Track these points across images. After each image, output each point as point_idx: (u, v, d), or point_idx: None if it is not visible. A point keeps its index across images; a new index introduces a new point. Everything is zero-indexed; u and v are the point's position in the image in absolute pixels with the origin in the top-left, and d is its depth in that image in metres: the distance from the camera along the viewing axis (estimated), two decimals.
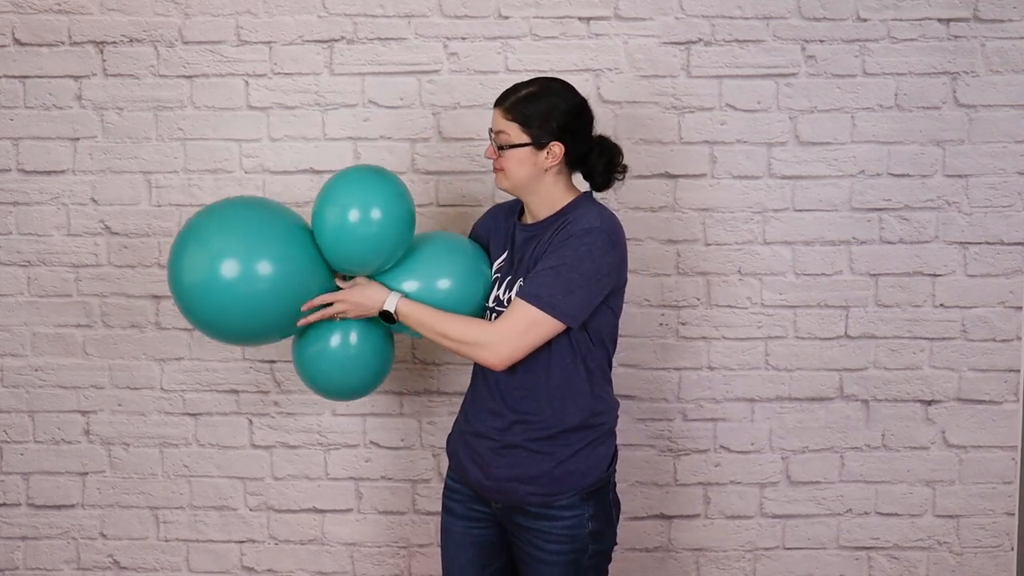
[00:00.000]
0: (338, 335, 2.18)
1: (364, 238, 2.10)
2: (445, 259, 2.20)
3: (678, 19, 2.61)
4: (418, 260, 2.19)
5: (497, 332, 2.02)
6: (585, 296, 2.01)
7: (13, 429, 2.76)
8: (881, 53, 2.60)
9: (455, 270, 2.18)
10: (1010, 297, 2.64)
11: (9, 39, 2.66)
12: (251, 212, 2.15)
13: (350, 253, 2.12)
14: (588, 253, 2.00)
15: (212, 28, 2.64)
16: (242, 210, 2.15)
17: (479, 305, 2.18)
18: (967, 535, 2.70)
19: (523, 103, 2.07)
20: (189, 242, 2.08)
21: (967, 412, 2.67)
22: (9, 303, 2.73)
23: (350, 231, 2.10)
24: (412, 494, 2.74)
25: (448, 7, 2.62)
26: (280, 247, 2.09)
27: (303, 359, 2.23)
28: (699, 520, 2.72)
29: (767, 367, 2.68)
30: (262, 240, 2.09)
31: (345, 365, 2.21)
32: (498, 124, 2.09)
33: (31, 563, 2.79)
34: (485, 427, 2.13)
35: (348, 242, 2.11)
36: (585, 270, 1.99)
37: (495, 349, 2.02)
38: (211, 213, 2.14)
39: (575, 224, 2.04)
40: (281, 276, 2.08)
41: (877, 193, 2.63)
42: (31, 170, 2.69)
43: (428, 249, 2.22)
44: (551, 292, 1.99)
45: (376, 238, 2.11)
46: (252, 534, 2.76)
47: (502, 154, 2.09)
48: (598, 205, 2.14)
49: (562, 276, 1.99)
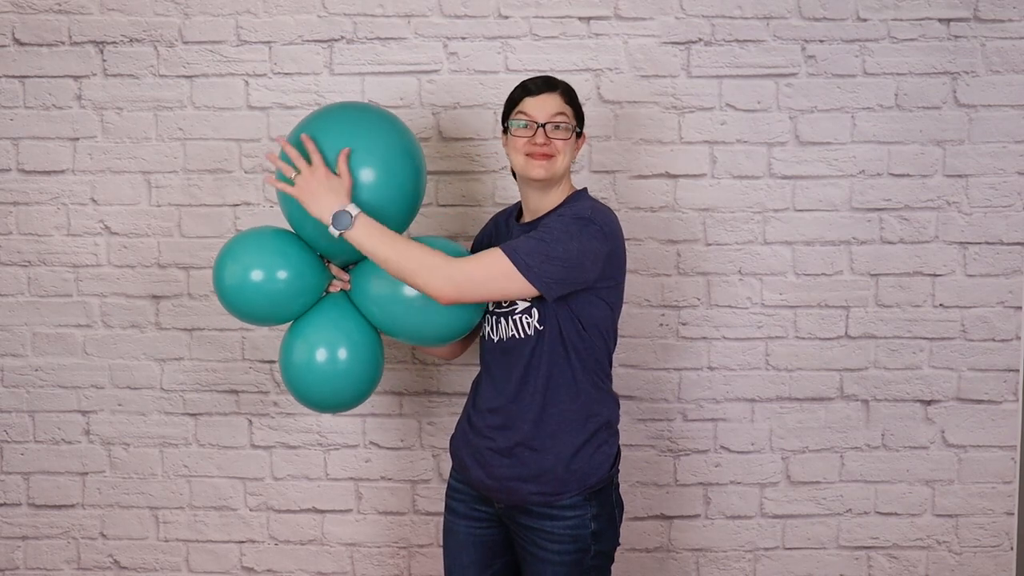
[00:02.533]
0: (324, 349, 2.15)
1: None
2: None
3: (678, 19, 2.61)
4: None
5: (458, 265, 1.98)
6: (562, 271, 1.98)
7: (13, 429, 2.76)
8: (881, 53, 2.60)
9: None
10: (1010, 297, 2.64)
11: (9, 39, 2.66)
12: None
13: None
14: (577, 234, 1.99)
15: (212, 28, 2.64)
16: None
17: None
18: (966, 535, 2.70)
19: (571, 90, 2.13)
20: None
21: (967, 412, 2.68)
22: (9, 303, 2.72)
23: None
24: (412, 494, 2.74)
25: (448, 7, 2.62)
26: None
27: (290, 371, 2.20)
28: (699, 520, 2.73)
29: (767, 367, 2.68)
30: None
31: (333, 379, 2.17)
32: (556, 107, 2.08)
33: (31, 563, 2.79)
34: (486, 427, 2.14)
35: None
36: (570, 248, 1.98)
37: (450, 278, 1.96)
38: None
39: (568, 210, 2.07)
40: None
41: (877, 193, 2.63)
42: (31, 170, 2.69)
43: None
44: (528, 253, 1.97)
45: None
46: (252, 534, 2.77)
47: (560, 136, 2.07)
48: (594, 199, 2.16)
49: (544, 243, 1.98)
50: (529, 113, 2.08)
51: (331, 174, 2.02)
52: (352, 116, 2.14)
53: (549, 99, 2.08)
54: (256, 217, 2.67)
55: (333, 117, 2.14)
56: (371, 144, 2.08)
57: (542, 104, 2.08)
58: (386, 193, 2.09)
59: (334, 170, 2.03)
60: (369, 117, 2.15)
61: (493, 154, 2.64)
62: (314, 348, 2.15)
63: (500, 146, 2.61)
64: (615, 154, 2.63)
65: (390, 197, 2.10)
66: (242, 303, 2.15)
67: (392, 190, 2.11)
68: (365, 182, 2.06)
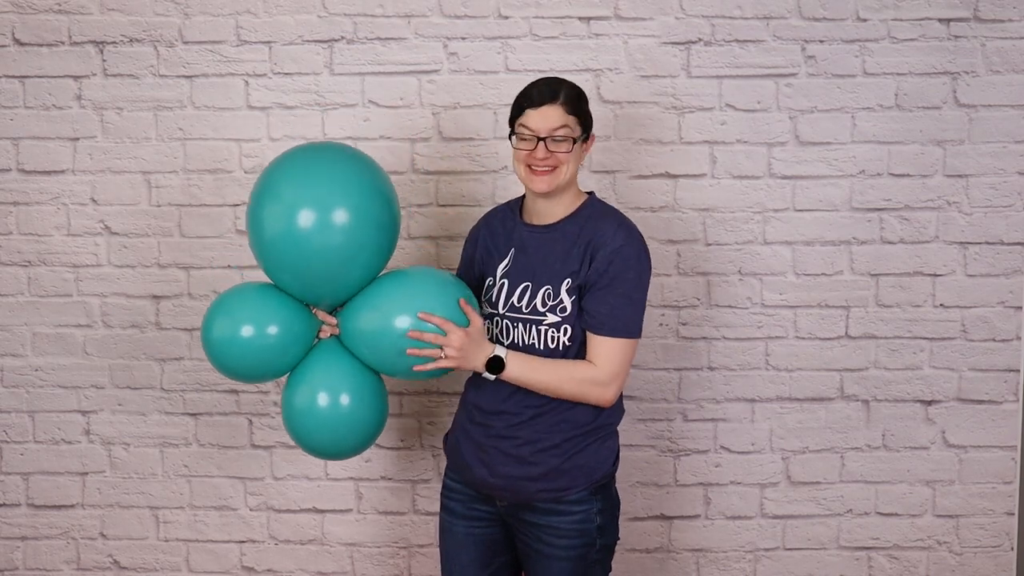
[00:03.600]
0: (325, 394, 2.12)
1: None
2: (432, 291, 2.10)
3: (678, 19, 2.61)
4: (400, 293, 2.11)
5: (606, 374, 2.04)
6: (643, 310, 2.10)
7: (13, 429, 2.76)
8: (881, 53, 2.60)
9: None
10: (1010, 297, 2.64)
11: (9, 39, 2.66)
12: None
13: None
14: (643, 272, 2.08)
15: (212, 28, 2.64)
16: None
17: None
18: (967, 535, 2.70)
19: (575, 96, 2.08)
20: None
21: (967, 412, 2.67)
22: (9, 303, 2.73)
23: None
24: (412, 494, 2.74)
25: (448, 7, 2.62)
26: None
27: (292, 419, 2.17)
28: (699, 521, 2.72)
29: (767, 367, 2.68)
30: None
31: (335, 425, 2.13)
32: (557, 119, 2.04)
33: (31, 563, 2.79)
34: (494, 428, 2.12)
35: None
36: (643, 287, 2.09)
37: (609, 393, 2.06)
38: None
39: (612, 235, 2.05)
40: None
41: (877, 193, 2.63)
42: (31, 170, 2.69)
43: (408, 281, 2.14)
44: (634, 319, 2.06)
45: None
46: (252, 534, 2.76)
47: (561, 150, 2.04)
48: (613, 208, 2.16)
49: (634, 301, 2.06)
50: (529, 126, 2.05)
51: (468, 330, 2.05)
52: (316, 161, 2.09)
53: (550, 111, 2.04)
54: None
55: (297, 164, 2.09)
56: (340, 189, 2.05)
57: (543, 117, 2.04)
58: (362, 234, 2.07)
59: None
60: (332, 159, 2.11)
61: (493, 154, 2.64)
62: (315, 393, 2.12)
63: (500, 146, 2.62)
64: (615, 154, 2.63)
65: (366, 237, 2.08)
66: (234, 361, 2.12)
67: (369, 230, 2.08)
68: (340, 226, 2.03)
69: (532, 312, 2.08)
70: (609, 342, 2.04)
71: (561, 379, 2.04)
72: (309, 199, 2.03)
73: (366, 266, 2.11)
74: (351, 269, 2.09)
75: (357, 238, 2.06)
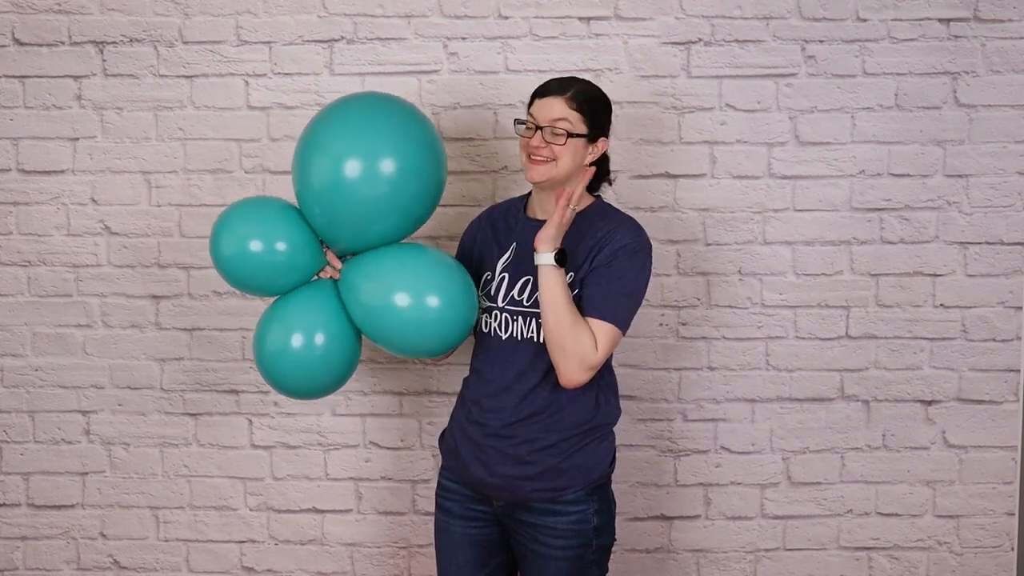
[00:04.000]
0: (300, 334, 2.14)
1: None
2: (437, 273, 2.14)
3: (678, 19, 2.61)
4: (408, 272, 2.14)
5: (596, 358, 2.02)
6: (636, 305, 2.10)
7: (13, 429, 2.76)
8: (881, 53, 2.59)
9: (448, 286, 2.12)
10: (1010, 297, 2.64)
11: (9, 39, 2.66)
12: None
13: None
14: (643, 269, 2.09)
15: (212, 28, 2.64)
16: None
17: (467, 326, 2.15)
18: (967, 535, 2.70)
19: (587, 94, 2.09)
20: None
21: (967, 412, 2.67)
22: (9, 303, 2.73)
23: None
24: (412, 494, 2.74)
25: (448, 7, 2.62)
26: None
27: (263, 358, 2.19)
28: (700, 521, 2.72)
29: (767, 367, 2.67)
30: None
31: (304, 364, 2.16)
32: (558, 111, 2.05)
33: (31, 563, 2.79)
34: (494, 426, 2.11)
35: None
36: (642, 285, 2.09)
37: (583, 376, 2.02)
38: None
39: (621, 233, 2.07)
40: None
41: (877, 193, 2.63)
42: (31, 170, 2.69)
43: (417, 261, 2.16)
44: (626, 311, 2.06)
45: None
46: (252, 534, 2.76)
47: (556, 142, 2.05)
48: (621, 211, 2.18)
49: (629, 294, 2.06)
50: (533, 115, 2.09)
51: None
52: (370, 112, 2.14)
53: (554, 103, 2.06)
54: None
55: (351, 111, 2.14)
56: (394, 141, 2.10)
57: (546, 107, 2.07)
58: (410, 186, 2.11)
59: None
60: (388, 111, 2.15)
61: (493, 154, 2.64)
62: (291, 332, 2.14)
63: (500, 146, 2.63)
64: (615, 154, 2.62)
65: (414, 190, 2.13)
66: (236, 268, 2.15)
67: (416, 183, 2.12)
68: (387, 175, 2.07)
69: (533, 305, 2.08)
70: (602, 326, 2.03)
71: (574, 326, 1.99)
72: (370, 148, 2.09)
73: (394, 227, 2.15)
74: (379, 223, 2.13)
75: (397, 198, 2.11)
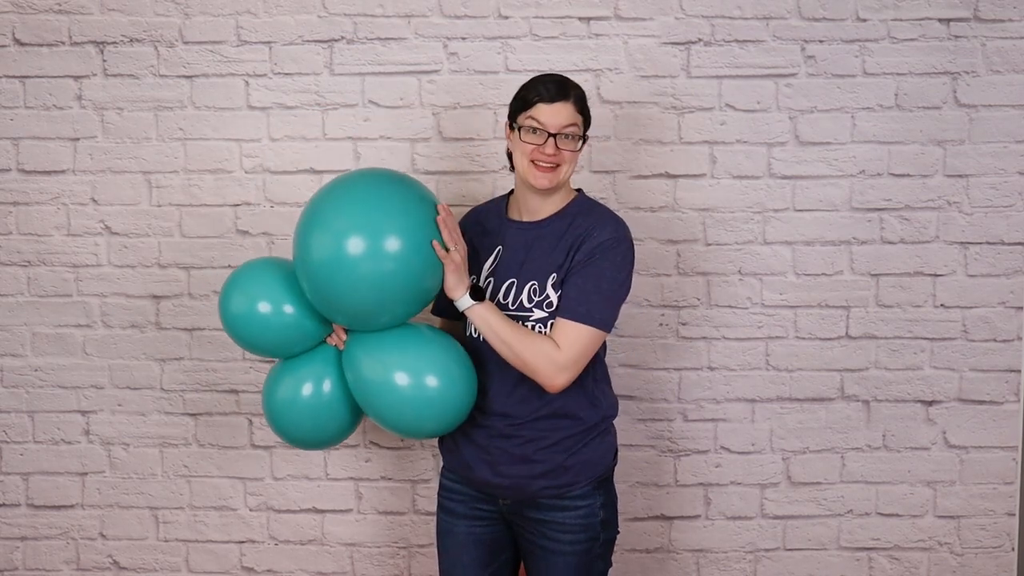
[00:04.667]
0: (310, 384, 2.13)
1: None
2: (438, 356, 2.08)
3: (678, 19, 2.61)
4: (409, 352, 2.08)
5: (564, 353, 2.00)
6: (619, 304, 2.08)
7: (13, 429, 2.76)
8: (881, 53, 2.59)
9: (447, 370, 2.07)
10: (1010, 297, 2.64)
11: (9, 39, 2.66)
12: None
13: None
14: (622, 263, 2.05)
15: (212, 28, 2.64)
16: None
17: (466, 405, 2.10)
18: (968, 536, 2.70)
19: (582, 95, 2.10)
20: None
21: (968, 412, 2.67)
22: (9, 303, 2.73)
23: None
24: (412, 494, 2.74)
25: (448, 7, 2.62)
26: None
27: (273, 408, 2.17)
28: (700, 521, 2.72)
29: (767, 367, 2.67)
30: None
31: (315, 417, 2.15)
32: (570, 117, 2.05)
33: (31, 563, 2.79)
34: (496, 429, 2.11)
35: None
36: (621, 281, 2.06)
37: (561, 375, 2.01)
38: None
39: (599, 229, 2.05)
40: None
41: (877, 193, 2.63)
42: (31, 170, 2.69)
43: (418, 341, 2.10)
44: (602, 310, 2.02)
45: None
46: (252, 534, 2.76)
47: (569, 148, 2.05)
48: (602, 205, 2.16)
49: (604, 292, 2.02)
50: (541, 121, 2.04)
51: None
52: (377, 191, 2.06)
53: (563, 108, 2.04)
54: (256, 217, 2.67)
55: (358, 191, 2.06)
56: (401, 221, 2.02)
57: (556, 113, 2.03)
58: (418, 262, 2.03)
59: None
60: (392, 190, 2.07)
61: (493, 154, 2.64)
62: (301, 383, 2.13)
63: (500, 146, 2.60)
64: (615, 154, 2.63)
65: (423, 265, 2.04)
66: (243, 328, 2.14)
67: (411, 291, 2.05)
68: (393, 253, 1.98)
69: (518, 308, 2.08)
70: (570, 326, 2.01)
71: (523, 342, 2.00)
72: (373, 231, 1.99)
73: (393, 317, 2.08)
74: (379, 317, 2.07)
75: (399, 295, 2.04)
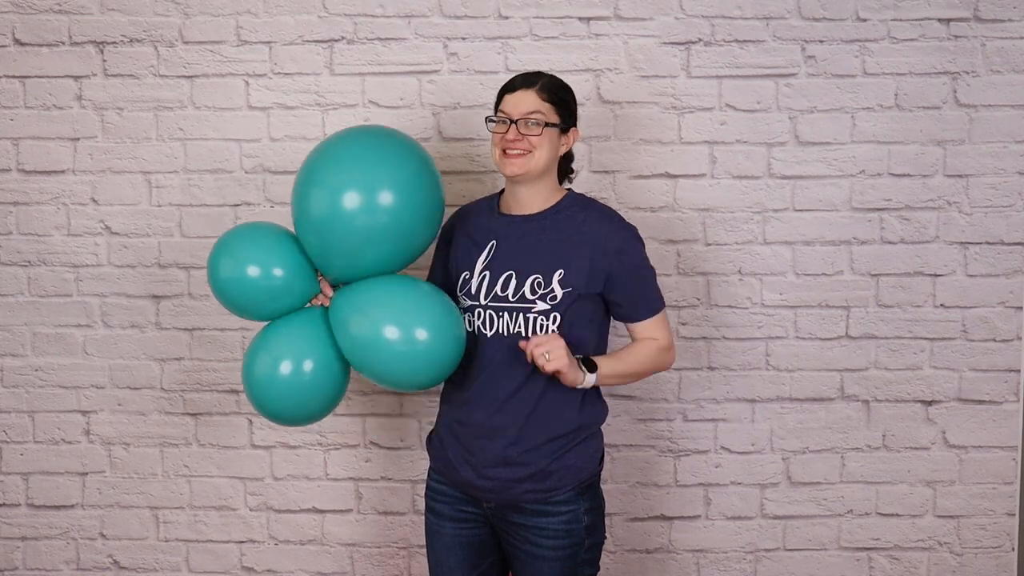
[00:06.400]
0: (289, 362, 2.12)
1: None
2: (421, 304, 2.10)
3: (678, 19, 2.61)
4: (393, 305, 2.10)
5: (666, 340, 2.19)
6: (656, 278, 2.23)
7: (13, 429, 2.76)
8: (881, 53, 2.59)
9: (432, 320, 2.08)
10: (1010, 297, 2.64)
11: (9, 39, 2.66)
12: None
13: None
14: (643, 252, 2.18)
15: (212, 28, 2.64)
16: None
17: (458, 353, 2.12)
18: (968, 536, 2.70)
19: (555, 85, 2.13)
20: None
21: (967, 412, 2.67)
22: (9, 303, 2.73)
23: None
24: (412, 494, 2.74)
25: (448, 7, 2.62)
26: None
27: (252, 384, 2.16)
28: (700, 521, 2.72)
29: (767, 367, 2.67)
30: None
31: (300, 393, 2.14)
32: (531, 105, 2.08)
33: (31, 563, 2.79)
34: (482, 428, 2.11)
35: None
36: (650, 265, 2.20)
37: (672, 355, 2.23)
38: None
39: (613, 240, 2.10)
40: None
41: (877, 193, 2.63)
42: (31, 170, 2.69)
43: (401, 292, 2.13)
44: (656, 294, 2.19)
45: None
46: (252, 534, 2.76)
47: (532, 133, 2.07)
48: (596, 200, 2.20)
49: (650, 281, 2.18)
50: (504, 109, 2.11)
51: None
52: (368, 146, 2.13)
53: (525, 96, 2.09)
54: (256, 217, 2.67)
55: (349, 148, 2.12)
56: (393, 176, 2.08)
57: (517, 101, 2.09)
58: (412, 215, 2.10)
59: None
60: (385, 145, 2.13)
61: None
62: (279, 360, 2.12)
63: None
64: (615, 154, 2.63)
65: (416, 218, 2.11)
66: (233, 291, 2.14)
67: (417, 212, 2.11)
68: (386, 207, 2.05)
69: (520, 300, 2.08)
70: (653, 320, 2.16)
71: (641, 362, 2.16)
72: (368, 180, 2.07)
73: (387, 257, 2.13)
74: (371, 254, 2.11)
75: (408, 220, 2.10)
